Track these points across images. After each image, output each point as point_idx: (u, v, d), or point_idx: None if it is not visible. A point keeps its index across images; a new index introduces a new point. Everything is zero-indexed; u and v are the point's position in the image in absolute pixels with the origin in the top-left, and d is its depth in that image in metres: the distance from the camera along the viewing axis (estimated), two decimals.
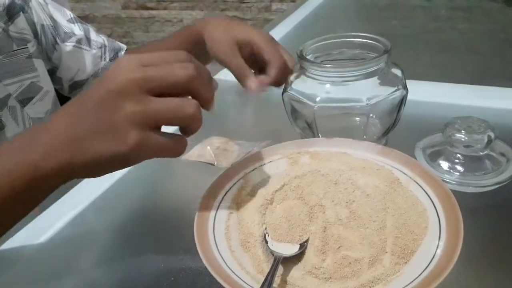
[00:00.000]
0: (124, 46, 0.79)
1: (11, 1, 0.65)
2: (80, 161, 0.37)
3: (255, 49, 0.58)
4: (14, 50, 0.65)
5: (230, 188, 0.48)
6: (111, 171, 0.39)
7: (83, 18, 1.08)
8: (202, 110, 0.39)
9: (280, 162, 0.51)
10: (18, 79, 0.65)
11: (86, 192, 0.57)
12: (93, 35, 0.75)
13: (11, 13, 0.65)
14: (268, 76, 0.57)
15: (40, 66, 0.69)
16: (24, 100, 0.67)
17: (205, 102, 0.39)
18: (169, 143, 0.37)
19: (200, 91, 0.39)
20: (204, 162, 0.60)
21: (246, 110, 0.73)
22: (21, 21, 0.66)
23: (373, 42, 0.55)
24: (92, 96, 0.37)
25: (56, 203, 0.56)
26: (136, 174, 0.60)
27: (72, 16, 0.74)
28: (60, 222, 0.53)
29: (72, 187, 0.58)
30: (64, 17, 0.73)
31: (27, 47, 0.66)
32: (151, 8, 2.15)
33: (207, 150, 0.61)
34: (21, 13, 0.66)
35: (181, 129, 0.40)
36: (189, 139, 0.64)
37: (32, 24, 0.68)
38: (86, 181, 0.59)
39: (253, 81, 0.57)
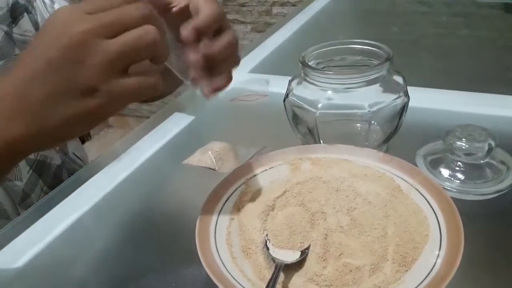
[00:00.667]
0: None
1: (14, 1, 0.63)
2: (39, 129, 0.35)
3: None
4: (16, 54, 0.63)
5: (232, 194, 0.48)
6: (82, 132, 0.37)
7: None
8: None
9: (282, 168, 0.51)
10: None
11: (86, 197, 0.57)
12: None
13: (15, 14, 0.63)
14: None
15: None
16: None
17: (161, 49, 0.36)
18: (141, 81, 0.35)
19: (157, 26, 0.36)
20: (205, 167, 0.60)
21: (247, 116, 0.73)
22: (25, 22, 0.64)
23: (375, 49, 0.55)
24: (42, 57, 0.34)
25: (56, 207, 0.56)
26: (136, 179, 0.60)
27: None
28: (60, 225, 0.53)
29: (72, 191, 0.58)
30: None
31: None
32: None
33: (208, 155, 0.61)
34: (25, 13, 0.64)
35: (151, 61, 0.37)
36: (191, 144, 0.66)
37: (35, 25, 0.66)
38: (86, 186, 0.59)
39: None
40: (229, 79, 0.48)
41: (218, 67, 0.47)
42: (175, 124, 0.71)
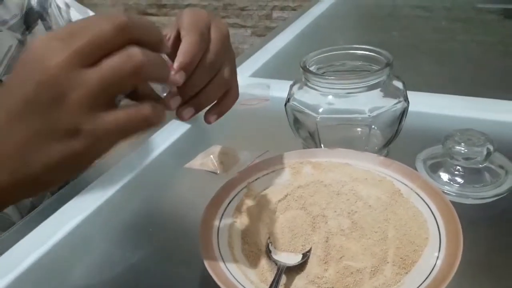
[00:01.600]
0: None
1: (29, 8, 0.61)
2: (22, 177, 0.31)
3: None
4: None
5: (234, 197, 0.49)
6: (71, 176, 0.34)
7: None
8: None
9: (283, 172, 0.52)
10: None
11: (88, 200, 0.58)
12: None
13: (29, 21, 0.61)
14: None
15: None
16: None
17: (153, 42, 0.32)
18: (131, 114, 0.31)
19: (140, 33, 0.31)
20: (207, 171, 0.61)
21: (249, 120, 0.73)
22: (39, 30, 0.62)
23: (375, 54, 0.56)
24: (18, 96, 0.30)
25: (58, 210, 0.56)
26: (138, 183, 0.61)
27: None
28: (63, 229, 0.53)
29: (74, 195, 0.59)
30: None
31: None
32: (152, 14, 2.16)
33: (209, 158, 0.62)
34: (39, 21, 0.62)
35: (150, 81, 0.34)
36: (192, 148, 0.66)
37: None
38: (88, 189, 0.60)
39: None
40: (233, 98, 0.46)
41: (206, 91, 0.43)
42: (177, 128, 0.71)
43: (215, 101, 0.45)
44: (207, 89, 0.42)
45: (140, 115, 0.31)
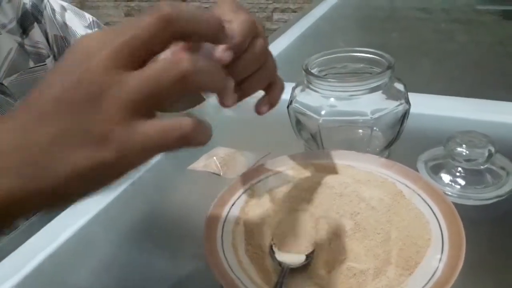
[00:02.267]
0: None
1: (24, 11, 0.61)
2: (42, 185, 0.27)
3: None
4: (30, 68, 0.61)
5: (237, 199, 0.49)
6: (94, 191, 0.29)
7: None
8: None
9: (286, 174, 0.52)
10: None
11: (92, 202, 0.58)
12: None
13: (25, 25, 0.62)
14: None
15: None
16: None
17: (209, 34, 0.29)
18: (169, 128, 0.27)
19: (190, 25, 0.28)
20: (210, 173, 0.61)
21: (251, 122, 0.74)
22: (35, 33, 0.63)
23: (377, 57, 0.56)
24: (51, 95, 0.27)
25: (61, 213, 0.56)
26: (141, 186, 0.61)
27: (92, 20, 0.68)
28: (66, 232, 0.54)
29: None
30: (82, 23, 0.67)
31: (45, 64, 0.63)
32: None
33: (213, 160, 0.62)
34: (35, 23, 0.63)
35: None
36: (195, 150, 0.66)
37: (46, 35, 0.64)
38: None
39: None
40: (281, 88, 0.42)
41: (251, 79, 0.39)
42: None
43: (263, 93, 0.42)
44: (253, 77, 0.38)
45: (178, 131, 0.28)
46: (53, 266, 0.50)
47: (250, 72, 0.38)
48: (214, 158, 0.62)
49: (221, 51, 0.33)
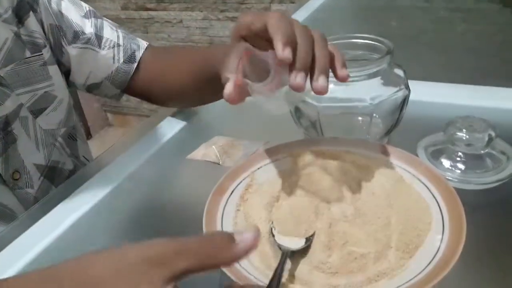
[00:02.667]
0: (144, 44, 0.70)
1: (19, 1, 0.61)
2: None
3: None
4: (27, 58, 0.61)
5: (237, 186, 0.49)
6: None
7: None
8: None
9: (286, 161, 0.52)
10: (31, 89, 0.62)
11: (91, 193, 0.58)
12: (107, 32, 0.68)
13: (20, 14, 0.61)
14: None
15: (55, 72, 0.65)
16: (37, 111, 0.63)
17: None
18: None
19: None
20: (209, 162, 0.61)
21: (251, 110, 0.74)
22: (31, 22, 0.62)
23: (376, 43, 0.56)
24: None
25: (60, 204, 0.56)
26: (141, 175, 0.61)
27: (88, 9, 0.68)
28: (65, 222, 0.53)
29: (77, 187, 0.59)
30: (79, 12, 0.67)
31: (41, 54, 0.63)
32: (151, 9, 2.15)
33: (212, 149, 0.62)
34: (31, 12, 0.62)
35: None
36: (194, 139, 0.66)
37: (42, 25, 0.64)
38: (91, 182, 0.60)
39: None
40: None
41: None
42: (179, 119, 0.72)
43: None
44: (317, 58, 0.41)
45: None
46: (51, 257, 0.50)
47: (311, 55, 0.41)
48: (213, 147, 0.62)
49: (281, 52, 0.38)
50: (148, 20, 2.22)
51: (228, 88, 0.41)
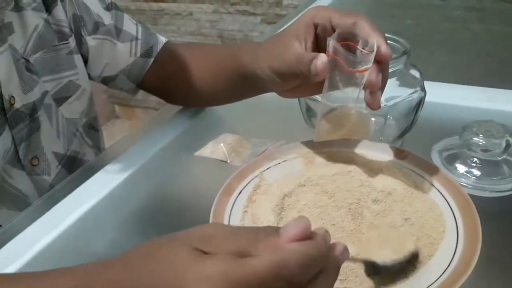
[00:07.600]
0: (162, 40, 0.69)
1: None
2: None
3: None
4: (54, 45, 0.62)
5: (245, 187, 0.48)
6: None
7: None
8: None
9: (296, 162, 0.51)
10: (57, 77, 0.63)
11: (98, 188, 0.57)
12: (127, 25, 0.68)
13: (48, 3, 0.61)
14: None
15: (80, 62, 0.65)
16: (60, 99, 0.64)
17: None
18: None
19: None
20: (217, 160, 0.60)
21: (260, 108, 0.72)
22: (59, 11, 0.62)
23: (392, 42, 0.54)
24: None
25: (68, 196, 0.56)
26: (148, 171, 0.60)
27: (110, 1, 0.68)
28: (72, 215, 0.53)
29: (84, 180, 0.58)
30: (101, 3, 0.67)
31: (68, 42, 0.63)
32: (161, 1, 2.14)
33: (220, 147, 0.61)
34: (58, 1, 0.62)
35: None
36: (203, 136, 0.65)
37: (66, 14, 0.64)
38: (97, 177, 0.59)
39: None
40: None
41: None
42: (188, 115, 0.71)
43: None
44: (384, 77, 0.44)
45: None
46: (57, 250, 0.49)
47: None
48: (222, 144, 0.61)
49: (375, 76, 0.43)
50: (158, 12, 2.21)
51: (321, 59, 0.43)
